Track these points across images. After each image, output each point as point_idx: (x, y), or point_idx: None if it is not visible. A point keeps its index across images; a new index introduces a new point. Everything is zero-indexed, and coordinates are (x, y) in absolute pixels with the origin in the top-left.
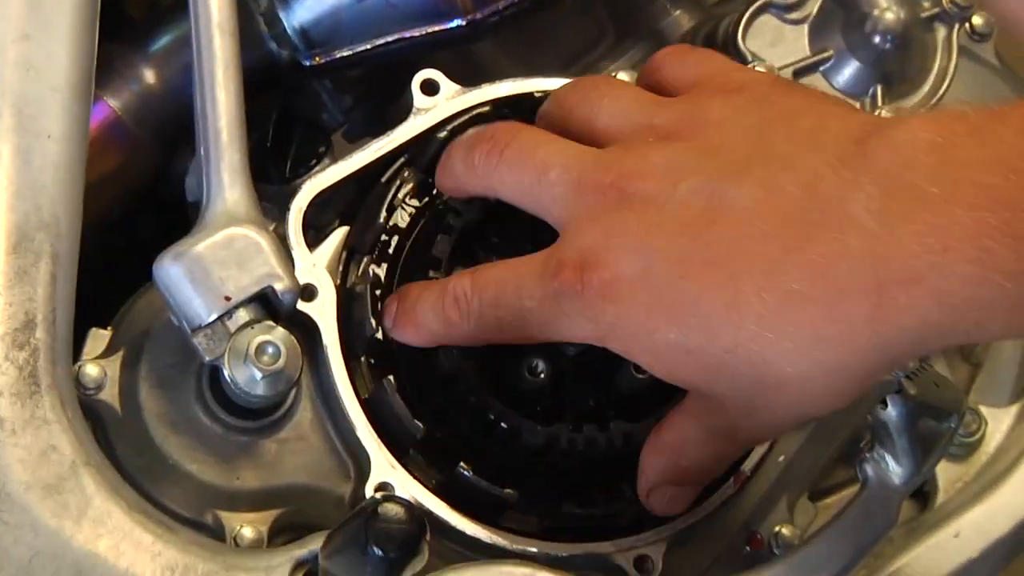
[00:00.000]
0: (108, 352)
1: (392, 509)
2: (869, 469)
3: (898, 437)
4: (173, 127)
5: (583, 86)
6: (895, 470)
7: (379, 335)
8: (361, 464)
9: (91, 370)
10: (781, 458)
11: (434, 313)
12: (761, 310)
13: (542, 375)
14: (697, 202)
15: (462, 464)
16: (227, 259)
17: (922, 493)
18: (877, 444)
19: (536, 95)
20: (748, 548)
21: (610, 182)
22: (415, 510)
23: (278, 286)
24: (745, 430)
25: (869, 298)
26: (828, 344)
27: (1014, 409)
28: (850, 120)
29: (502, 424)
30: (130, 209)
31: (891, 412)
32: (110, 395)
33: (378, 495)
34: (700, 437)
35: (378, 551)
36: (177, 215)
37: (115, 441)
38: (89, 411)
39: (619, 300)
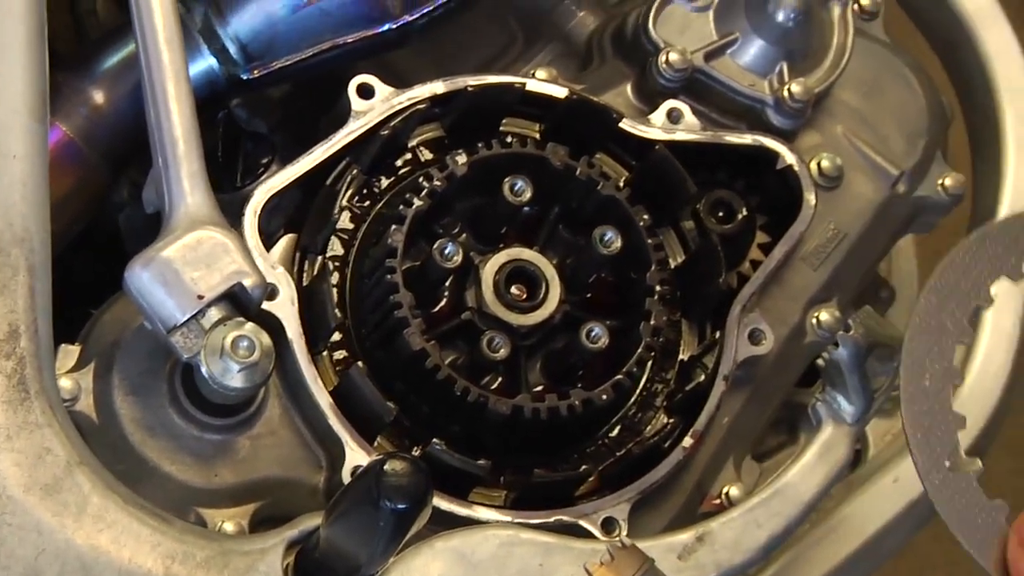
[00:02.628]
0: (79, 365)
1: (399, 464)
2: (822, 410)
3: (849, 376)
4: (122, 145)
5: None
6: (847, 409)
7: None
8: (332, 453)
9: (65, 383)
10: (726, 420)
11: None
12: None
13: (500, 351)
14: None
15: (435, 440)
16: (196, 260)
17: (853, 450)
18: (828, 385)
19: (469, 89)
20: (702, 508)
21: None
22: (419, 463)
23: (247, 282)
24: None
25: None
26: None
27: None
28: None
29: (468, 399)
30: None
31: (842, 352)
32: (86, 405)
33: (379, 456)
34: None
35: (390, 504)
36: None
37: (94, 449)
38: None
39: None
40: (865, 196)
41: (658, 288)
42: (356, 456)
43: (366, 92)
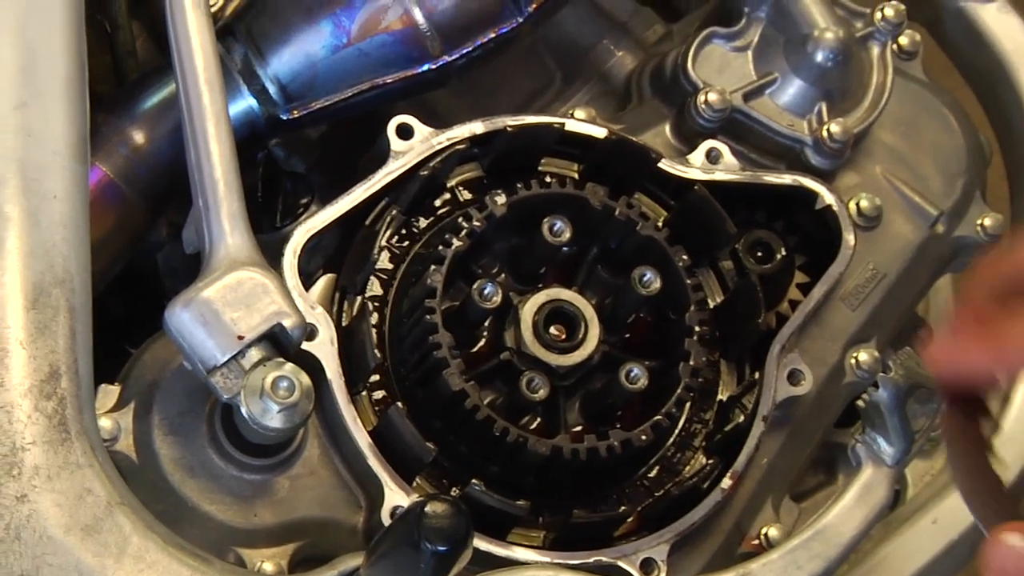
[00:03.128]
0: (118, 406)
1: (440, 506)
2: (861, 451)
3: (889, 417)
4: (161, 185)
5: None
6: (887, 450)
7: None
8: (371, 493)
9: (105, 423)
10: (764, 460)
11: None
12: None
13: (539, 391)
14: None
15: (474, 481)
16: (236, 300)
17: (893, 491)
18: (868, 427)
19: (508, 129)
20: (741, 548)
21: None
22: (460, 505)
23: (287, 323)
24: None
25: None
26: None
27: None
28: None
29: (507, 439)
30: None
31: (882, 393)
32: (125, 445)
33: (419, 497)
34: None
35: (431, 546)
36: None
37: (134, 489)
38: None
39: None
40: (904, 236)
41: (697, 328)
42: (395, 497)
43: (405, 132)
